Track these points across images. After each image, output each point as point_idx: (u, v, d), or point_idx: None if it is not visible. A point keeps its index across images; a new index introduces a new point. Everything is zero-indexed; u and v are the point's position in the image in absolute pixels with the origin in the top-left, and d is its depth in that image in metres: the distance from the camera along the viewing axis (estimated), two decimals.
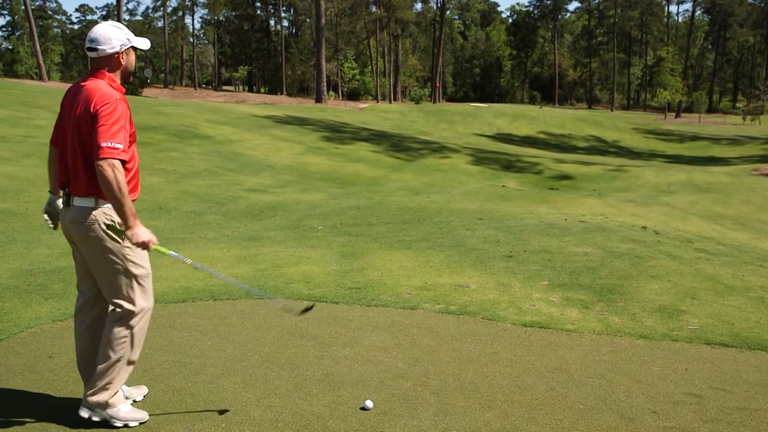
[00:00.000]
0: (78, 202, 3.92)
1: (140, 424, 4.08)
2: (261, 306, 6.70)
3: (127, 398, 4.34)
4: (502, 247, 9.66)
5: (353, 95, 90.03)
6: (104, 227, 3.91)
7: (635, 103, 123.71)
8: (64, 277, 7.61)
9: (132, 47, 4.05)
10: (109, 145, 3.70)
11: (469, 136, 49.90)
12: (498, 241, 10.17)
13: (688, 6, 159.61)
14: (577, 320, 6.34)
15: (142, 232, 3.85)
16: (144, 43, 4.13)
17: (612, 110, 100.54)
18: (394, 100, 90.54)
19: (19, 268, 8.12)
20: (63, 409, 4.22)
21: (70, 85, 4.36)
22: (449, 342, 5.67)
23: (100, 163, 3.68)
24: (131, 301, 4.05)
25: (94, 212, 3.90)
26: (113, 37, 3.94)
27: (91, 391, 4.02)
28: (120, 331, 4.04)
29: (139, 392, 4.48)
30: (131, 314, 4.05)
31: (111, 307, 4.08)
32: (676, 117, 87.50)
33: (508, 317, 6.39)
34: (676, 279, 7.89)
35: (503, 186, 23.90)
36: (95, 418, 4.03)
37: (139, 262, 4.06)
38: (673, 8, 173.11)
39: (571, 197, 20.21)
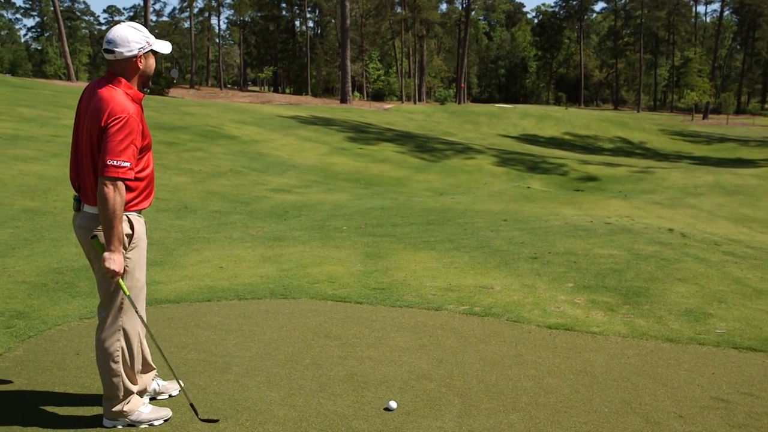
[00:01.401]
0: (87, 209, 3.92)
1: (165, 421, 4.12)
2: (285, 305, 6.72)
3: (162, 393, 4.44)
4: (526, 248, 9.62)
5: (378, 96, 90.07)
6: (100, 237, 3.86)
7: (662, 104, 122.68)
8: (91, 276, 7.68)
9: (152, 51, 3.94)
10: (115, 163, 3.65)
11: (494, 137, 49.74)
12: (523, 242, 10.13)
13: (716, 6, 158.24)
14: (603, 323, 6.30)
15: (118, 259, 3.78)
16: (164, 47, 4.00)
17: (638, 111, 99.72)
18: (419, 100, 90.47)
19: (47, 266, 8.21)
20: (89, 405, 4.27)
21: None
22: (473, 343, 5.66)
23: (104, 181, 3.66)
24: (119, 312, 4.02)
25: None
26: (132, 39, 3.82)
27: (106, 404, 4.06)
28: (112, 342, 4.01)
29: (174, 387, 4.53)
30: (118, 325, 4.02)
31: (102, 315, 4.05)
32: (704, 118, 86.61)
33: (532, 319, 6.37)
34: (703, 282, 7.81)
35: (528, 187, 23.80)
36: (119, 426, 4.07)
37: (136, 274, 4.03)
38: (701, 8, 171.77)
39: (597, 199, 20.07)
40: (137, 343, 4.13)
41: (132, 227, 3.94)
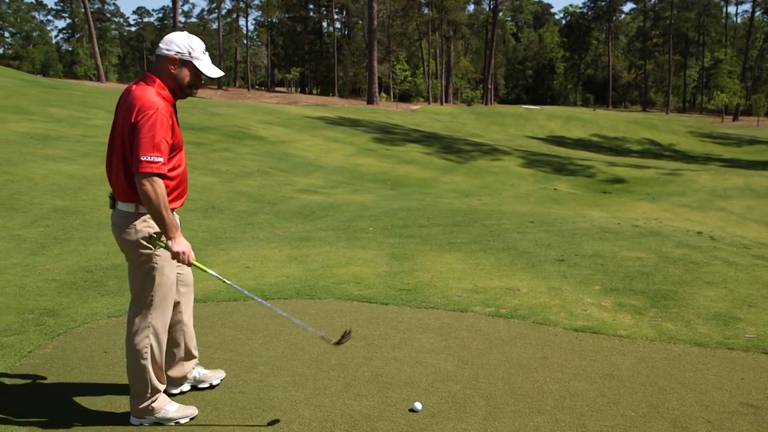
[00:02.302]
0: (120, 206, 3.98)
1: (191, 419, 4.15)
2: (311, 306, 6.75)
3: (202, 381, 4.54)
4: (553, 250, 9.57)
5: (405, 97, 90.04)
6: (139, 236, 3.94)
7: (691, 105, 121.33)
8: (120, 274, 7.78)
9: (192, 64, 3.97)
10: (148, 159, 3.70)
11: (521, 138, 49.56)
12: (549, 244, 10.07)
13: (747, 6, 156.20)
14: (630, 326, 6.25)
15: (181, 242, 3.89)
16: (211, 71, 4.02)
17: (667, 113, 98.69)
18: (446, 101, 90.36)
19: (76, 264, 8.31)
20: (117, 402, 4.31)
21: (126, 85, 4.45)
22: (499, 345, 5.64)
23: (140, 179, 3.71)
24: (148, 309, 4.06)
25: (133, 219, 3.94)
26: (175, 41, 3.93)
27: (133, 401, 4.11)
28: (141, 339, 4.05)
29: (216, 376, 4.62)
30: (147, 322, 4.06)
31: (132, 312, 4.09)
32: (734, 120, 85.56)
33: (559, 322, 6.33)
34: (732, 286, 7.72)
35: (555, 189, 23.67)
36: (146, 424, 4.11)
37: (166, 272, 4.07)
38: (731, 9, 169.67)
39: (625, 201, 19.92)
40: (165, 340, 4.16)
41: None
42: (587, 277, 7.97)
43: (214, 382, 4.60)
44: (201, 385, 4.58)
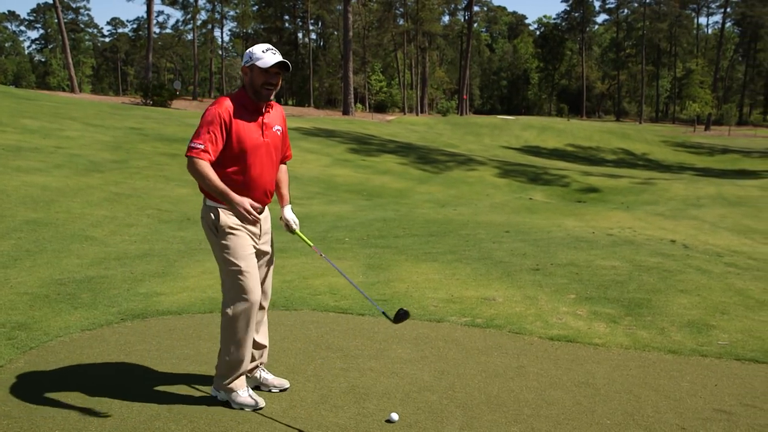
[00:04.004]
0: (205, 201, 4.46)
1: (254, 410, 4.38)
2: (287, 317, 6.73)
3: (264, 384, 4.75)
4: (528, 260, 9.61)
5: (380, 107, 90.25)
6: (209, 224, 4.38)
7: (664, 115, 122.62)
8: (94, 287, 7.70)
9: (255, 66, 4.27)
10: (192, 144, 4.16)
11: (496, 148, 49.80)
12: (525, 254, 10.12)
13: (718, 18, 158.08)
14: (605, 334, 6.29)
15: (239, 200, 4.18)
16: (268, 62, 4.26)
17: (640, 123, 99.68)
18: (421, 112, 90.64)
19: (49, 277, 8.22)
20: (90, 417, 4.25)
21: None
22: (475, 355, 5.65)
23: (187, 161, 4.19)
24: (226, 294, 4.40)
25: (205, 210, 4.42)
26: (247, 53, 4.34)
27: (216, 374, 4.53)
28: (223, 323, 4.42)
29: (276, 384, 4.79)
30: (226, 307, 4.38)
31: (223, 296, 4.50)
32: (706, 130, 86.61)
33: (534, 331, 6.36)
34: (705, 293, 7.80)
35: (530, 199, 23.80)
36: (219, 398, 4.52)
37: (232, 258, 4.34)
38: (702, 20, 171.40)
39: (599, 210, 20.07)
40: (244, 324, 4.38)
41: (218, 217, 4.34)
42: (562, 286, 8.01)
43: (273, 390, 4.77)
44: (262, 388, 4.79)
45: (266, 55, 4.28)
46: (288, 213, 4.87)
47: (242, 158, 4.29)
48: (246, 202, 4.17)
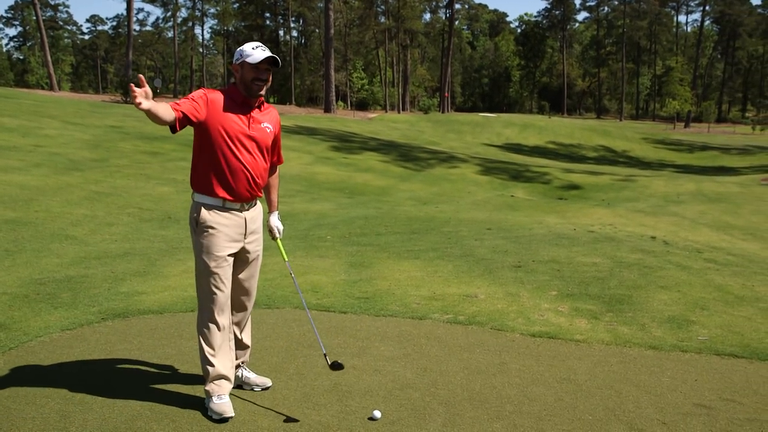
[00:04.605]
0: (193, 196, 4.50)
1: (220, 419, 4.24)
2: (269, 315, 6.71)
3: (246, 383, 4.75)
4: (510, 257, 9.64)
5: (362, 105, 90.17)
6: (191, 219, 4.41)
7: (644, 113, 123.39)
8: (74, 287, 7.64)
9: (245, 62, 4.31)
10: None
11: (478, 146, 49.89)
12: (507, 251, 10.15)
13: (697, 16, 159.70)
14: (586, 330, 6.32)
15: (140, 93, 3.86)
16: (256, 58, 4.29)
17: (621, 120, 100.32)
18: (403, 110, 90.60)
19: (28, 277, 8.15)
20: (71, 418, 4.22)
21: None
22: (458, 352, 5.66)
23: None
24: (197, 292, 4.42)
25: (192, 206, 4.45)
26: (237, 51, 4.39)
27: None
28: (198, 324, 4.44)
29: (258, 383, 4.78)
30: (198, 305, 4.43)
31: None
32: (686, 127, 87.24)
33: (516, 327, 6.38)
34: (685, 289, 7.86)
35: (512, 196, 23.88)
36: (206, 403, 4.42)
37: (204, 257, 4.34)
38: (682, 18, 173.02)
39: (580, 207, 20.16)
40: (209, 324, 4.38)
41: (198, 214, 4.34)
42: (544, 283, 8.04)
43: (255, 389, 4.76)
44: (244, 387, 4.78)
45: (256, 51, 4.30)
46: (274, 220, 4.85)
47: (225, 146, 4.30)
48: (143, 102, 3.89)
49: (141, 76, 3.94)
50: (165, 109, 4.03)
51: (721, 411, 4.58)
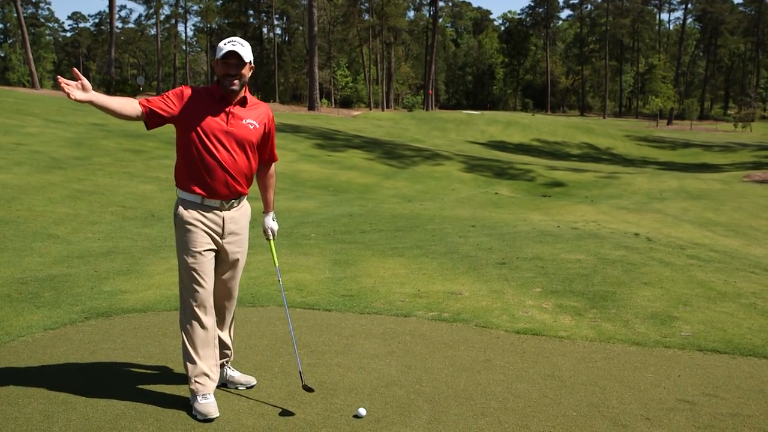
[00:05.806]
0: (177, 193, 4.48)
1: (205, 419, 4.19)
2: (254, 313, 6.69)
3: (231, 382, 4.71)
4: (494, 254, 9.66)
5: (346, 103, 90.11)
6: (173, 215, 4.41)
7: (627, 110, 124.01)
8: (56, 286, 7.59)
9: (218, 58, 4.31)
10: None
11: (462, 143, 49.96)
12: (491, 248, 10.17)
13: (679, 14, 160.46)
14: (570, 327, 6.35)
15: (75, 87, 3.84)
16: (222, 51, 4.27)
17: (604, 117, 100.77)
18: (387, 107, 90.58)
19: (10, 276, 8.09)
20: (54, 418, 4.19)
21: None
22: (442, 349, 5.67)
23: None
24: (179, 288, 4.39)
25: (175, 201, 4.44)
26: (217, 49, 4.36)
27: None
28: (180, 323, 4.41)
29: (243, 381, 4.75)
30: (180, 302, 4.40)
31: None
32: (668, 124, 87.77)
33: (501, 324, 6.40)
34: (668, 285, 7.90)
35: (496, 193, 23.93)
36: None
37: (183, 253, 4.31)
38: (664, 16, 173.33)
39: (564, 204, 20.24)
40: (197, 324, 4.35)
41: (178, 209, 4.34)
42: (528, 280, 8.07)
43: (239, 387, 4.73)
44: (230, 385, 4.75)
45: (225, 47, 4.26)
46: (268, 221, 4.87)
47: (199, 142, 4.27)
48: (75, 93, 3.84)
49: (75, 69, 3.94)
50: (125, 103, 4.08)
51: (703, 406, 4.61)
